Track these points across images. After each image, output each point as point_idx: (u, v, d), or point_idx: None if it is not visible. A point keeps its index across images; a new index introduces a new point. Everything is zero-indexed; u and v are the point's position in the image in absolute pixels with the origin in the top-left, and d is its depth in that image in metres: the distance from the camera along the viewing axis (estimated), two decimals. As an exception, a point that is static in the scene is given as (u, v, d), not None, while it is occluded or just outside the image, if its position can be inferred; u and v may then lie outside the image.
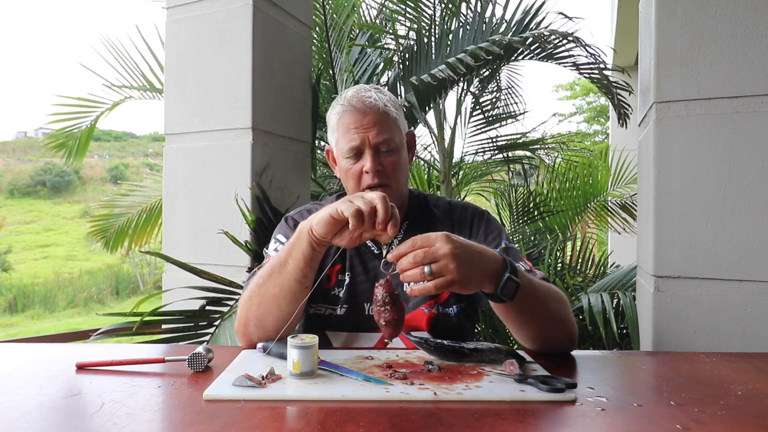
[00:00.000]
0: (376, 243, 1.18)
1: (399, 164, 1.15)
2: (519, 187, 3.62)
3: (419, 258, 0.83)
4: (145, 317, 1.52)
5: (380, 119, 1.12)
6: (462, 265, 0.83)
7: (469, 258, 0.85)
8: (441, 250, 0.83)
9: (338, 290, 1.16)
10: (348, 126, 1.12)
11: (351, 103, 1.13)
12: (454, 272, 0.83)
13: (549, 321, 0.99)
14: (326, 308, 1.15)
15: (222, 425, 0.66)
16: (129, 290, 18.00)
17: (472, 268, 0.85)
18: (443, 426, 0.66)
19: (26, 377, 0.86)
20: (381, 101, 1.13)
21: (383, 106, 1.13)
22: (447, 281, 0.83)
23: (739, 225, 1.36)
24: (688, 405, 0.74)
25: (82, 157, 3.43)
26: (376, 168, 1.10)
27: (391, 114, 1.14)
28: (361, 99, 1.13)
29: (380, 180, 1.11)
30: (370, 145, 1.11)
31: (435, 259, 0.83)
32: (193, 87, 1.94)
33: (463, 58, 2.01)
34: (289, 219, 1.22)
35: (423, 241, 0.85)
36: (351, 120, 1.12)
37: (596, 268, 2.93)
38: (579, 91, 15.86)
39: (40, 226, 25.65)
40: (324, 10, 2.51)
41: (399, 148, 1.15)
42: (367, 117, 1.11)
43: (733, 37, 1.37)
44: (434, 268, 0.83)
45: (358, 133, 1.11)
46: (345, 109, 1.13)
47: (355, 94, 1.14)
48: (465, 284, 0.85)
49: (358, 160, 1.12)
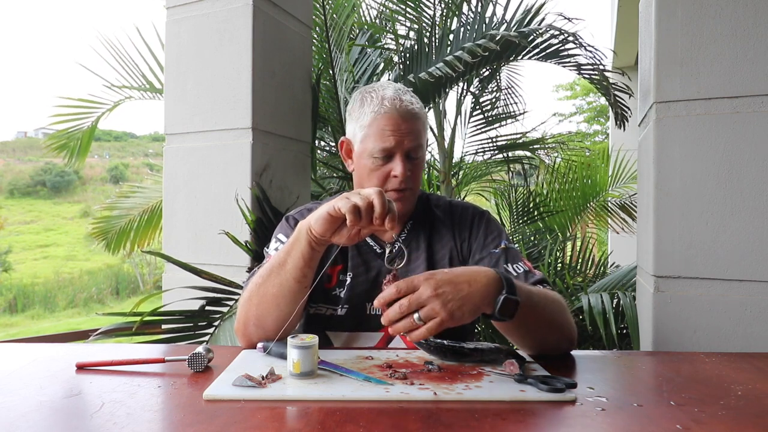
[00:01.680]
0: (378, 242, 1.18)
1: (422, 168, 1.17)
2: (519, 187, 3.62)
3: (405, 307, 0.83)
4: (145, 317, 1.52)
5: (416, 127, 1.13)
6: (449, 303, 0.83)
7: (456, 293, 0.84)
8: (424, 294, 0.83)
9: (339, 290, 1.15)
10: (384, 128, 1.10)
11: (394, 105, 1.11)
12: (442, 313, 0.82)
13: (549, 329, 0.99)
14: (327, 308, 1.15)
15: (222, 425, 0.66)
16: (129, 290, 18.01)
17: (462, 302, 0.84)
18: (443, 426, 0.66)
19: (26, 377, 0.86)
20: (418, 108, 1.14)
21: (419, 111, 1.14)
22: (438, 323, 0.82)
23: (739, 225, 1.36)
24: (688, 405, 0.74)
25: (83, 157, 3.44)
26: (406, 174, 1.11)
27: (424, 119, 1.16)
28: (404, 104, 1.12)
29: (406, 185, 1.12)
30: (403, 151, 1.11)
31: (421, 305, 0.83)
32: (193, 87, 1.94)
33: (461, 55, 2.00)
34: (290, 218, 1.22)
35: (407, 287, 0.84)
36: (390, 123, 1.10)
37: (596, 268, 2.93)
38: (579, 91, 15.86)
39: (40, 226, 25.66)
40: (324, 10, 2.51)
41: (424, 152, 1.18)
42: (406, 123, 1.11)
43: (733, 37, 1.37)
44: (422, 314, 0.82)
45: (394, 136, 1.10)
46: (385, 110, 1.11)
47: (395, 95, 1.12)
48: (458, 319, 0.84)
49: (386, 163, 1.12)
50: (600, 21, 6.59)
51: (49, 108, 3.59)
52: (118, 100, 3.29)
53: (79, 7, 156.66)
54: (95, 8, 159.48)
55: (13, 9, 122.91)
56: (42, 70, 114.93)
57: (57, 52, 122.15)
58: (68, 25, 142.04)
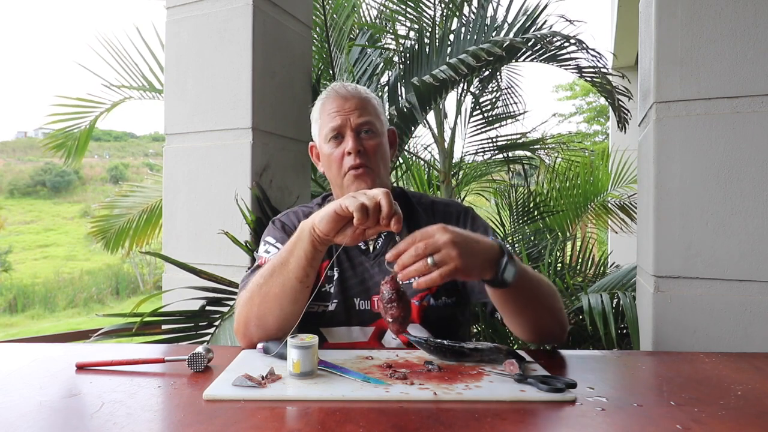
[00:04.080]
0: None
1: (380, 150, 1.17)
2: (519, 187, 3.62)
3: (421, 250, 0.83)
4: (145, 318, 1.52)
5: (361, 104, 1.17)
6: (463, 252, 0.84)
7: (468, 246, 0.86)
8: (441, 239, 0.84)
9: (328, 286, 1.16)
10: (330, 110, 1.17)
11: (334, 89, 1.19)
12: (456, 259, 0.83)
13: (543, 309, 1.01)
14: (318, 305, 1.16)
15: (222, 425, 0.66)
16: (129, 290, 18.00)
17: (473, 256, 0.86)
18: (443, 426, 0.66)
19: (26, 377, 0.86)
20: (363, 90, 1.20)
21: (365, 93, 1.19)
22: (451, 269, 0.83)
23: (739, 225, 1.36)
24: (688, 405, 0.74)
25: (81, 157, 3.43)
26: (357, 148, 1.13)
27: (373, 102, 1.19)
28: (343, 86, 1.19)
29: (361, 160, 1.13)
30: (352, 127, 1.15)
31: (436, 249, 0.84)
32: (193, 87, 1.94)
33: (465, 59, 2.00)
34: (277, 221, 1.24)
35: (422, 234, 0.85)
36: (333, 105, 1.17)
37: (596, 268, 2.93)
38: (579, 91, 15.85)
39: (40, 226, 25.65)
40: (324, 10, 2.51)
41: (380, 134, 1.19)
42: (348, 102, 1.16)
43: (733, 37, 1.37)
44: (437, 258, 0.83)
45: (339, 115, 1.15)
46: (328, 96, 1.19)
47: (337, 83, 1.21)
48: (468, 271, 0.85)
49: (340, 144, 1.15)
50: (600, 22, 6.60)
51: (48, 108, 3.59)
52: (118, 100, 3.29)
53: (79, 7, 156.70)
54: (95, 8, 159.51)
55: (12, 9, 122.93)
56: (42, 70, 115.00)
57: (57, 52, 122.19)
58: (68, 25, 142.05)
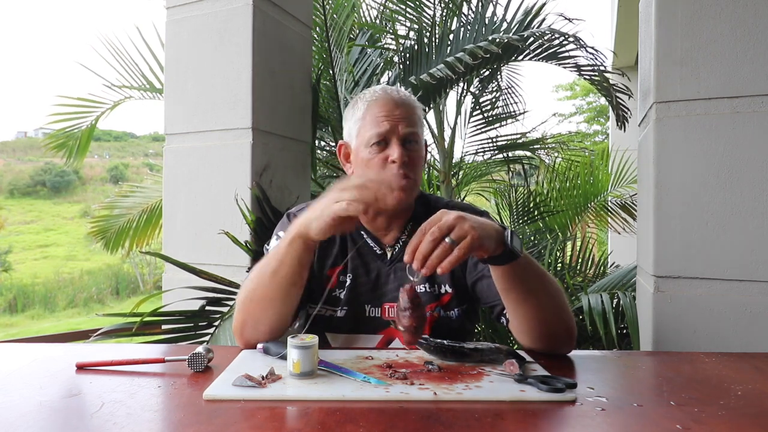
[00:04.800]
0: (378, 243, 1.17)
1: (421, 161, 1.16)
2: (519, 187, 3.62)
3: (436, 233, 0.83)
4: (145, 318, 1.52)
5: (411, 112, 1.13)
6: (474, 224, 0.84)
7: (475, 219, 0.86)
8: (450, 218, 0.84)
9: (339, 292, 1.15)
10: (378, 114, 1.11)
11: (386, 91, 1.14)
12: (471, 230, 0.83)
13: (549, 298, 0.98)
14: (326, 309, 1.14)
15: (222, 425, 0.66)
16: (129, 290, 18.01)
17: (483, 227, 0.86)
18: (443, 426, 0.66)
19: (26, 377, 0.86)
20: (412, 98, 1.17)
21: (414, 102, 1.16)
22: (469, 242, 0.82)
23: (739, 225, 1.36)
24: (688, 405, 0.74)
25: (82, 157, 3.43)
26: (404, 159, 1.09)
27: (419, 111, 1.16)
28: (396, 90, 1.15)
29: (406, 171, 1.10)
30: (399, 135, 1.10)
31: (450, 228, 0.83)
32: (193, 87, 1.94)
33: (462, 57, 2.00)
34: (291, 215, 1.20)
35: (429, 222, 0.85)
36: (383, 109, 1.11)
37: (596, 268, 2.93)
38: (579, 91, 15.85)
39: (40, 226, 25.66)
40: (324, 10, 2.51)
41: (422, 146, 1.17)
42: (399, 108, 1.11)
43: (733, 37, 1.37)
44: (454, 235, 0.83)
45: (388, 121, 1.10)
46: (376, 99, 1.13)
47: (386, 87, 1.16)
48: (483, 242, 0.85)
49: (383, 150, 1.10)
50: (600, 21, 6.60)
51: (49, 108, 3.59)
52: (118, 99, 3.29)
53: (79, 7, 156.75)
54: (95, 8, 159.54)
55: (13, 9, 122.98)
56: (42, 70, 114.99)
57: (57, 52, 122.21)
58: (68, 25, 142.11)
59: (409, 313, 0.88)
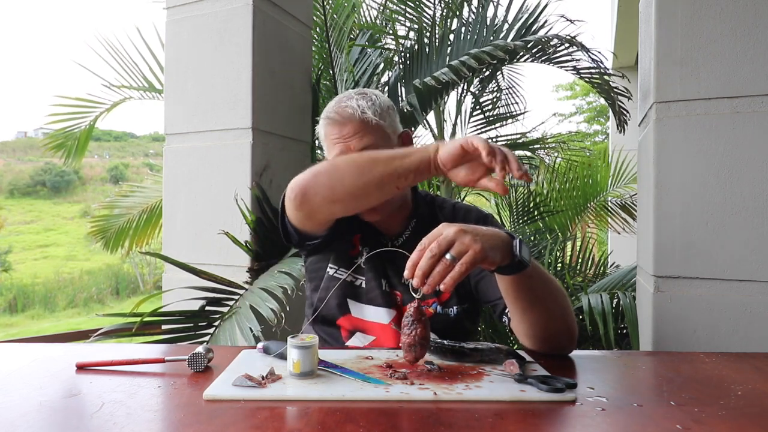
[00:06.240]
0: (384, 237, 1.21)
1: None
2: (519, 187, 3.62)
3: (436, 250, 0.80)
4: (145, 318, 1.52)
5: (360, 127, 1.11)
6: (477, 237, 0.82)
7: (478, 231, 0.84)
8: (450, 232, 0.81)
9: (360, 259, 1.17)
10: (330, 137, 1.13)
11: (329, 115, 1.14)
12: (473, 245, 0.80)
13: (555, 303, 0.98)
14: (350, 276, 1.18)
15: (222, 425, 0.66)
16: (129, 290, 18.01)
17: (487, 238, 0.83)
18: (443, 426, 0.66)
19: (26, 377, 0.86)
20: (359, 109, 1.12)
21: (361, 114, 1.11)
22: (471, 257, 0.80)
23: (739, 225, 1.36)
24: (688, 405, 0.74)
25: (81, 157, 3.43)
26: None
27: (371, 120, 1.12)
28: (338, 110, 1.13)
29: None
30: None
31: (450, 243, 0.81)
32: (192, 87, 1.94)
33: (467, 61, 2.00)
34: None
35: (429, 238, 0.83)
36: (332, 131, 1.13)
37: (596, 268, 2.93)
38: (579, 91, 15.84)
39: (40, 226, 25.66)
40: (324, 10, 2.51)
41: (390, 141, 1.16)
42: (346, 127, 1.11)
43: (733, 37, 1.37)
44: (454, 251, 0.80)
45: (339, 143, 1.11)
46: (326, 122, 1.14)
47: (334, 104, 1.15)
48: (487, 254, 0.82)
49: None
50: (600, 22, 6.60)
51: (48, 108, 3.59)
52: (118, 100, 3.29)
53: (79, 7, 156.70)
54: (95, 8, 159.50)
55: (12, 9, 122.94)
56: (42, 70, 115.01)
57: (57, 52, 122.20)
58: (68, 25, 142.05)
59: (407, 330, 0.87)
